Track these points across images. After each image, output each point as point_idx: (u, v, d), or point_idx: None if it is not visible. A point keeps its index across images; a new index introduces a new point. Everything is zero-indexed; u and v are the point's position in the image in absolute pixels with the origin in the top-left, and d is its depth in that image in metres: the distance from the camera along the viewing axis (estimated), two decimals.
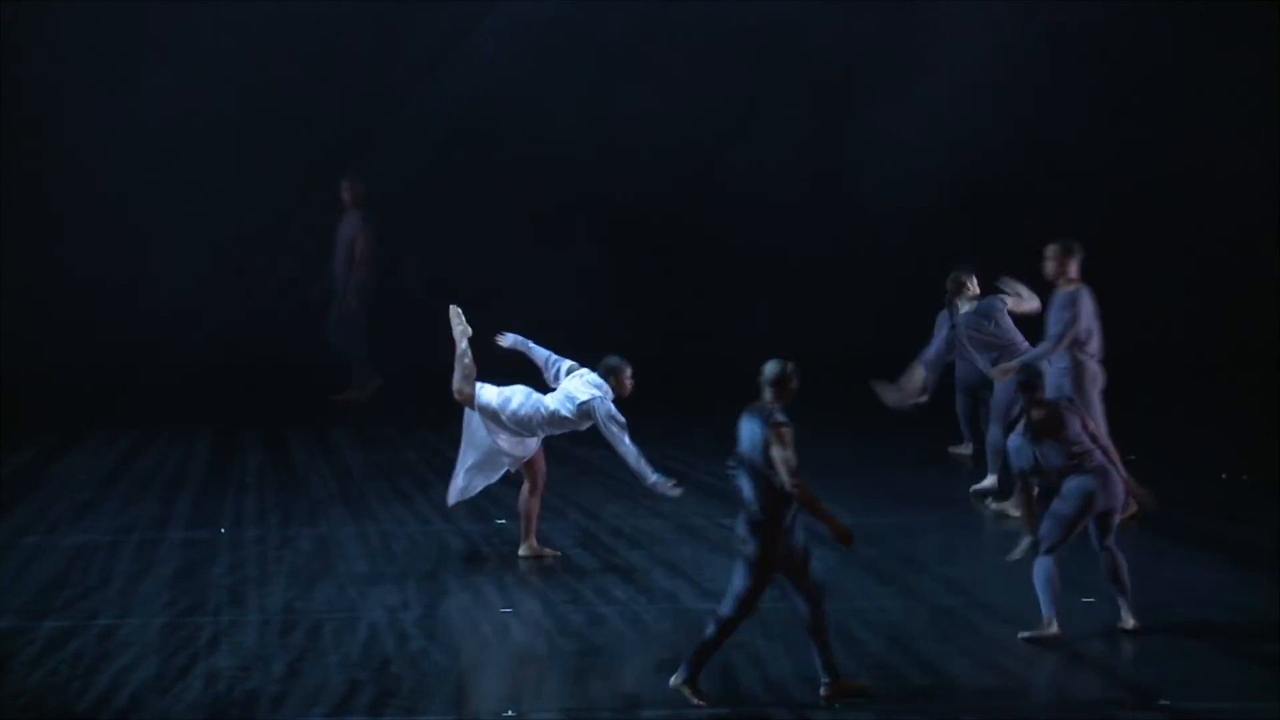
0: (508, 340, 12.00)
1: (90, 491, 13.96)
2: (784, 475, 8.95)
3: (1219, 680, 9.48)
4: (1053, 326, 12.61)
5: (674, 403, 16.88)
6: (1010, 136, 19.67)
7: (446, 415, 17.04)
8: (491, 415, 11.62)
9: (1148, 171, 19.80)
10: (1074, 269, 12.61)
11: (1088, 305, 12.53)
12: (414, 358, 19.45)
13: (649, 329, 19.16)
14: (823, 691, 9.19)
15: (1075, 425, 10.10)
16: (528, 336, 12.04)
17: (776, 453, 8.96)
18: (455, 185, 19.97)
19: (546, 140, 19.76)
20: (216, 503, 13.62)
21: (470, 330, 11.81)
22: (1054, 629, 10.04)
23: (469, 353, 11.71)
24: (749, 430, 9.09)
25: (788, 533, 9.07)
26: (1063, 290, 12.63)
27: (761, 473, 9.01)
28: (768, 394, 9.17)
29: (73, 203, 19.46)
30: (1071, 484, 10.07)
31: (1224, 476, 14.33)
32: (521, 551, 11.93)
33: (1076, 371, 12.47)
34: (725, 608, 9.18)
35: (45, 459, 15.20)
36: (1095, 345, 12.55)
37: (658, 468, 11.61)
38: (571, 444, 15.59)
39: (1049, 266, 12.72)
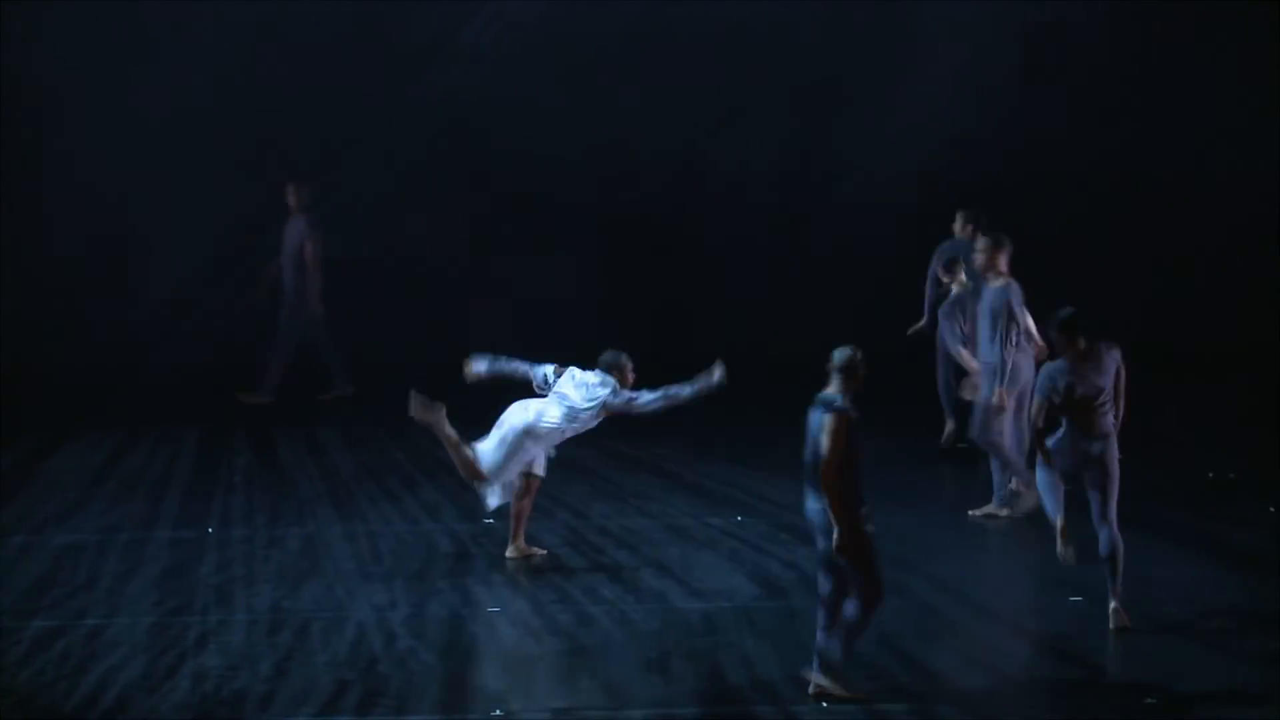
0: (480, 368, 11.88)
1: (78, 491, 13.97)
2: (823, 463, 8.98)
3: (1206, 679, 9.50)
4: (989, 328, 12.61)
5: None
6: (998, 135, 19.71)
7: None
8: (506, 468, 11.62)
9: (1136, 170, 19.86)
10: (1003, 262, 12.64)
11: (1016, 299, 12.58)
12: (403, 356, 19.47)
13: (638, 328, 19.16)
14: (812, 689, 9.20)
15: (1108, 377, 10.09)
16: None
17: (824, 440, 8.99)
18: (444, 183, 20.00)
19: (536, 140, 19.80)
20: (204, 502, 13.63)
21: (442, 409, 11.65)
22: (1060, 521, 10.09)
23: (457, 439, 11.64)
24: (814, 418, 9.12)
25: (863, 519, 9.10)
26: (992, 285, 12.63)
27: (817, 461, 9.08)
28: (835, 382, 9.17)
29: (66, 201, 19.48)
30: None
31: (1211, 475, 14.40)
32: (509, 553, 11.93)
33: (1001, 366, 12.54)
34: (860, 600, 9.14)
35: (33, 459, 15.20)
36: (1021, 339, 12.60)
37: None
38: (559, 444, 15.66)
39: (979, 259, 12.74)
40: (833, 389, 9.15)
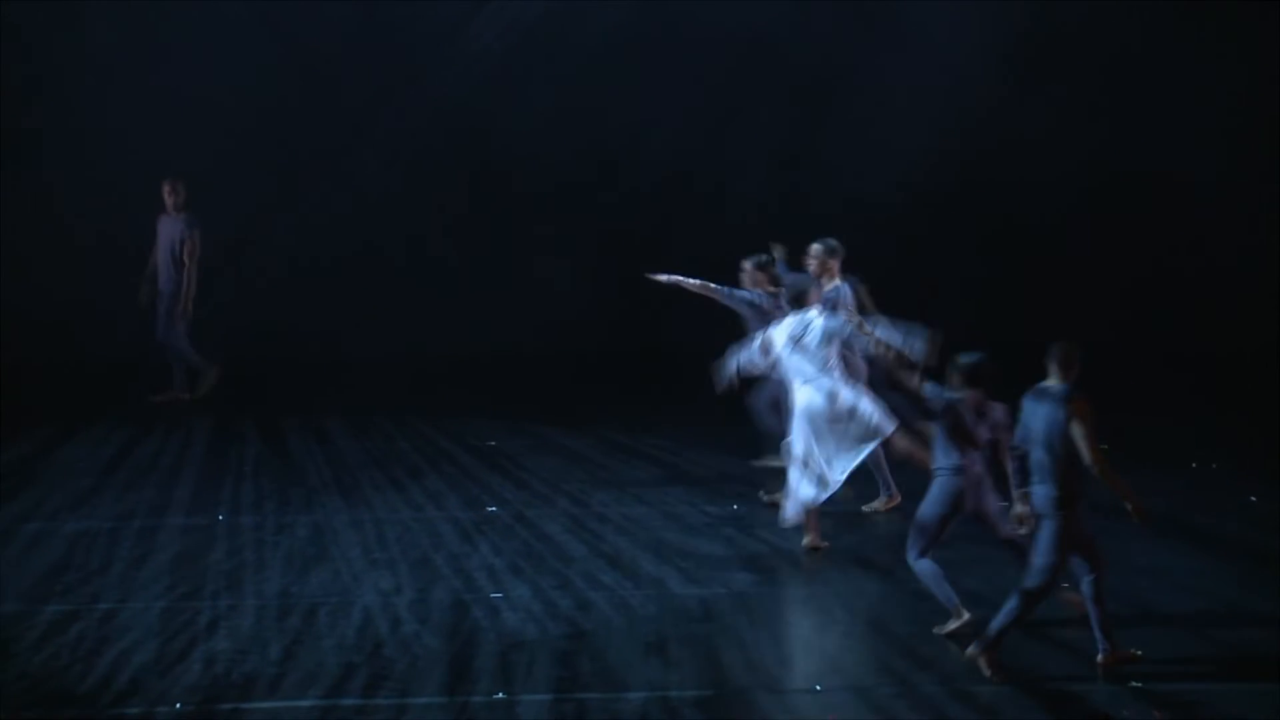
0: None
1: (92, 479, 14.01)
2: (1085, 450, 9.17)
3: (1189, 663, 9.66)
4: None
5: (660, 396, 17.04)
6: (989, 136, 19.74)
7: (438, 406, 17.28)
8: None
9: (1130, 170, 19.91)
10: (836, 268, 12.90)
11: (847, 300, 12.80)
12: (405, 349, 19.61)
13: (635, 325, 19.25)
14: (1100, 658, 9.43)
15: (986, 431, 10.13)
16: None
17: (1078, 428, 9.18)
18: (445, 181, 20.11)
19: (534, 140, 19.86)
20: (214, 490, 13.68)
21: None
22: (965, 615, 10.07)
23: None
24: (1045, 409, 9.27)
25: (1081, 508, 9.31)
26: (827, 288, 12.82)
27: (1059, 450, 9.23)
28: (1056, 373, 9.34)
29: (77, 193, 19.53)
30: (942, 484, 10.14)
31: (1194, 465, 14.50)
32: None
33: (843, 367, 12.74)
34: (1031, 581, 9.38)
35: (48, 447, 15.23)
36: (860, 340, 12.80)
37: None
38: (559, 433, 15.82)
39: (813, 266, 12.96)
40: (1054, 379, 9.34)
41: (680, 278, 13.52)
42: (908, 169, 19.44)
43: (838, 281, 12.93)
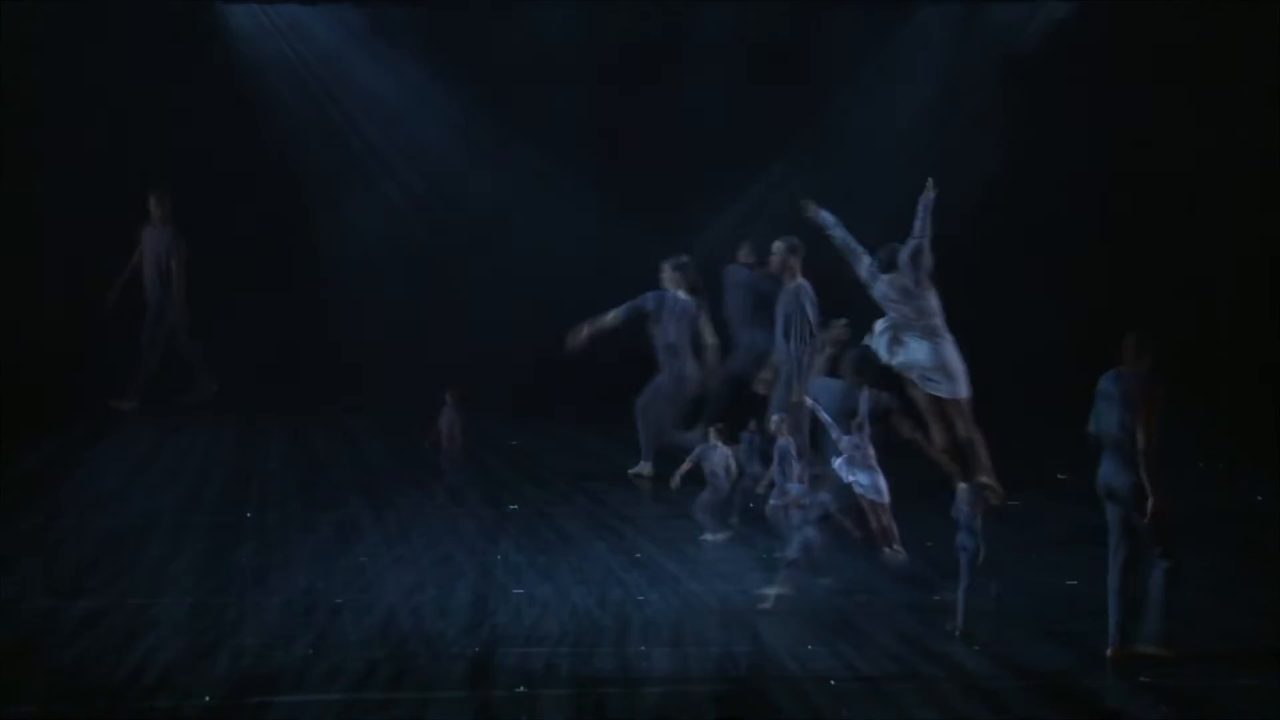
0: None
1: (122, 477, 14.11)
2: (1142, 435, 9.38)
3: (1198, 659, 9.73)
4: (783, 325, 12.95)
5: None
6: (990, 137, 19.75)
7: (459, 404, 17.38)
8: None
9: (1125, 171, 19.93)
10: (798, 267, 13.04)
11: (808, 300, 12.93)
12: (422, 348, 19.71)
13: (642, 332, 19.32)
14: (1109, 652, 9.61)
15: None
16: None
17: (1145, 413, 9.41)
18: (455, 182, 20.24)
19: (540, 142, 19.97)
20: (242, 488, 13.79)
21: None
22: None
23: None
24: (1119, 396, 9.48)
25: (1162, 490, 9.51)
26: (788, 287, 12.98)
27: (1134, 432, 9.43)
28: (1129, 361, 9.55)
29: (100, 189, 19.68)
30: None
31: (1201, 465, 14.62)
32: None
33: (797, 365, 12.89)
34: (1168, 562, 9.60)
35: (80, 446, 15.32)
36: (818, 339, 12.94)
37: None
38: (580, 432, 15.95)
39: (774, 262, 13.11)
40: (1128, 367, 9.53)
41: (593, 324, 13.58)
42: (909, 170, 19.48)
43: (800, 280, 13.04)
